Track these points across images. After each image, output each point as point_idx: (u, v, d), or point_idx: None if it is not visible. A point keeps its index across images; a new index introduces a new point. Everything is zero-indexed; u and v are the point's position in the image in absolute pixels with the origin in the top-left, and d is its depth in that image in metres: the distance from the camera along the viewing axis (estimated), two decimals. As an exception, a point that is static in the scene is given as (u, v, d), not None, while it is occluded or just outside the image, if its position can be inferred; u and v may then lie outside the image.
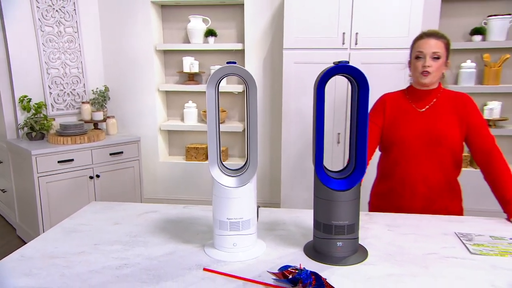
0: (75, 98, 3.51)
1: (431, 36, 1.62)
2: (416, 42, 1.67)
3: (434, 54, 1.59)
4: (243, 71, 1.12)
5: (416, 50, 1.64)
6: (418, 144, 1.64)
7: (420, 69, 1.61)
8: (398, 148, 1.68)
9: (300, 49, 2.99)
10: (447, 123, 1.62)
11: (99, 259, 1.18)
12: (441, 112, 1.65)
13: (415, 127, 1.65)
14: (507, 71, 3.36)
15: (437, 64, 1.60)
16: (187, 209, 1.59)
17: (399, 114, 1.70)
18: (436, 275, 1.07)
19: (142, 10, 3.50)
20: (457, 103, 1.65)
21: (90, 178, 3.16)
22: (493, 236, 1.31)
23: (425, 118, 1.66)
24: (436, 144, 1.62)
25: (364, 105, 1.15)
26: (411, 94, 1.72)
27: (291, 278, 0.99)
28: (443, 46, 1.62)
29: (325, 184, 1.15)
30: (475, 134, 1.62)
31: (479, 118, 1.64)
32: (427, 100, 1.68)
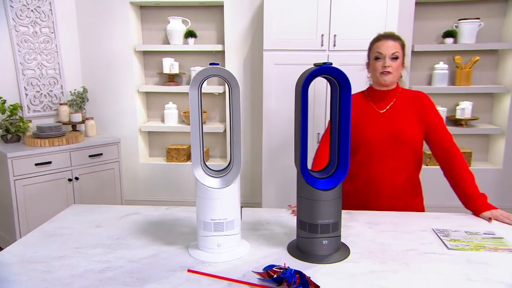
0: (52, 100, 3.43)
1: (388, 37, 1.67)
2: (374, 43, 1.71)
3: (393, 54, 1.64)
4: (226, 72, 1.13)
5: (375, 51, 1.67)
6: (382, 145, 1.67)
7: (380, 69, 1.65)
8: (363, 149, 1.70)
9: (280, 51, 3.02)
10: (408, 122, 1.67)
11: (81, 263, 1.17)
12: (401, 112, 1.69)
13: (377, 128, 1.69)
14: (477, 73, 3.48)
15: (396, 64, 1.65)
16: (169, 210, 1.59)
17: (361, 115, 1.73)
18: (416, 270, 1.11)
19: (121, 10, 3.46)
20: (415, 102, 1.70)
21: (68, 181, 3.10)
22: (468, 231, 1.36)
23: (386, 118, 1.70)
24: (399, 144, 1.66)
25: (347, 105, 1.18)
26: (371, 95, 1.76)
27: (275, 277, 1.00)
28: (400, 47, 1.67)
29: (310, 185, 1.17)
30: (433, 131, 1.67)
31: (437, 116, 1.69)
32: (386, 100, 1.72)
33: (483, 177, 3.42)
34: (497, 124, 3.48)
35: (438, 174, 1.79)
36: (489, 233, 1.34)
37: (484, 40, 3.43)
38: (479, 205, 1.53)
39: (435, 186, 2.96)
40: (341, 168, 1.20)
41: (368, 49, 1.76)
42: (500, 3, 3.37)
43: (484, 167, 3.47)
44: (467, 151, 3.46)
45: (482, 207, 1.52)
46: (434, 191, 2.77)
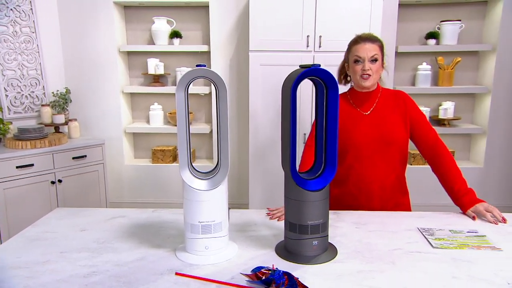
0: (34, 101, 3.36)
1: (366, 40, 1.66)
2: (352, 46, 1.69)
3: (372, 57, 1.63)
4: (213, 74, 1.13)
5: (354, 55, 1.66)
6: (370, 147, 1.67)
7: (360, 72, 1.64)
8: (351, 153, 1.69)
9: (265, 52, 3.02)
10: (393, 122, 1.67)
11: (65, 268, 1.15)
12: (385, 113, 1.69)
13: (364, 131, 1.68)
14: (459, 73, 3.55)
15: (376, 67, 1.64)
16: (156, 213, 1.57)
17: (346, 119, 1.72)
18: (402, 270, 1.12)
19: (104, 10, 3.41)
20: (397, 101, 1.71)
21: (51, 183, 3.04)
22: (452, 230, 1.38)
23: (371, 120, 1.69)
24: (386, 145, 1.66)
25: (334, 106, 1.18)
26: (353, 97, 1.75)
27: (264, 279, 1.00)
28: (379, 48, 1.66)
29: (300, 186, 1.16)
30: (418, 129, 1.68)
31: (419, 113, 1.71)
32: (369, 102, 1.72)
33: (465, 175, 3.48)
34: (479, 124, 3.56)
35: (422, 173, 1.82)
36: (473, 232, 1.37)
37: (465, 41, 3.50)
38: (465, 201, 1.54)
39: (419, 185, 3.01)
40: (329, 168, 1.21)
41: (347, 50, 1.75)
42: (480, 6, 3.45)
43: (466, 166, 3.54)
44: (450, 150, 3.52)
45: (467, 204, 1.53)
46: (418, 190, 2.81)
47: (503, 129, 3.47)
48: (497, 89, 3.38)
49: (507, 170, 3.53)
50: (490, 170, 3.49)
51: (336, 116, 1.18)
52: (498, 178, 3.53)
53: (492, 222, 1.45)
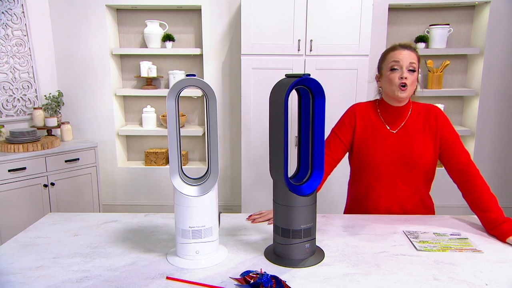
0: (26, 104, 3.36)
1: (405, 47, 1.55)
2: (389, 53, 1.58)
3: (411, 65, 1.51)
4: (203, 83, 1.16)
5: (392, 60, 1.54)
6: (392, 169, 1.59)
7: (397, 81, 1.51)
8: (371, 172, 1.62)
9: (257, 55, 3.05)
10: (421, 144, 1.57)
11: (58, 273, 1.17)
12: (414, 132, 1.59)
13: (387, 151, 1.59)
14: (448, 76, 3.62)
15: (412, 78, 1.52)
16: (148, 217, 1.60)
17: (370, 133, 1.63)
18: (386, 272, 1.16)
19: (97, 13, 3.42)
20: (429, 117, 1.60)
21: (44, 187, 3.04)
22: (436, 232, 1.42)
23: (398, 140, 1.60)
24: (409, 169, 1.58)
25: (321, 114, 1.22)
26: (383, 110, 1.64)
27: (252, 283, 1.03)
28: (417, 59, 1.56)
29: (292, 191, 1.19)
30: (449, 150, 1.57)
31: (452, 132, 1.58)
32: (400, 118, 1.61)
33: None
34: (467, 126, 3.62)
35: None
36: (455, 234, 1.41)
37: (454, 45, 3.56)
38: (505, 229, 1.38)
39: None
40: (316, 173, 1.24)
41: (380, 60, 1.63)
42: (468, 10, 3.51)
43: (455, 167, 3.59)
44: (439, 152, 3.58)
45: (508, 232, 1.37)
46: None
47: (491, 131, 3.53)
48: (485, 92, 3.44)
49: (495, 171, 3.59)
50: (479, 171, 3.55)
51: (322, 123, 1.21)
52: (487, 179, 3.56)
53: None
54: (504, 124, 3.52)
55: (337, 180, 2.48)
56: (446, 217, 1.59)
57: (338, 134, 1.68)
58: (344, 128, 1.68)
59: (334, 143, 1.67)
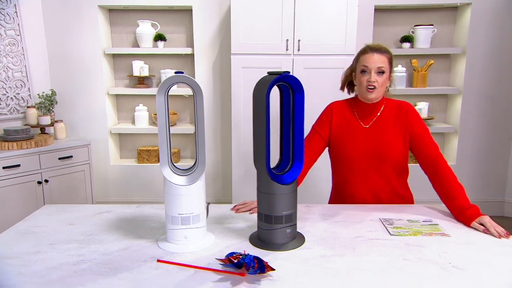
0: (19, 103, 3.42)
1: (375, 50, 1.63)
2: (360, 56, 1.67)
3: (379, 69, 1.61)
4: (190, 80, 1.25)
5: (361, 65, 1.64)
6: (365, 162, 1.69)
7: (365, 83, 1.63)
8: (346, 165, 1.73)
9: (247, 55, 3.14)
10: (391, 138, 1.67)
11: (55, 257, 1.25)
12: (385, 127, 1.69)
13: (360, 145, 1.70)
14: (432, 75, 3.73)
15: (382, 79, 1.62)
16: (140, 208, 1.68)
17: (345, 128, 1.73)
18: (360, 254, 1.26)
19: (89, 13, 3.49)
20: (400, 113, 1.69)
21: (38, 183, 3.11)
22: (409, 219, 1.53)
23: (370, 134, 1.70)
24: (381, 161, 1.68)
25: (300, 108, 1.31)
26: (357, 106, 1.75)
27: (236, 262, 1.12)
28: (387, 60, 1.64)
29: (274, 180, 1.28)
30: (418, 144, 1.66)
31: (422, 127, 1.68)
32: (372, 114, 1.71)
33: (438, 172, 3.67)
34: (451, 123, 3.74)
35: None
36: (427, 221, 1.52)
37: (438, 45, 3.68)
38: (469, 215, 1.47)
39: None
40: (297, 164, 1.33)
41: (354, 61, 1.73)
42: (451, 11, 3.63)
43: (439, 163, 3.71)
44: (423, 148, 3.70)
45: (472, 216, 1.46)
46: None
47: (473, 128, 3.65)
48: (467, 90, 3.57)
49: (478, 167, 3.72)
50: (462, 167, 3.68)
51: (302, 117, 1.30)
52: (470, 175, 3.72)
53: (497, 236, 1.38)
54: (486, 121, 3.65)
55: (327, 172, 2.57)
56: (420, 206, 1.69)
57: (318, 130, 1.79)
58: (323, 124, 1.79)
59: (314, 139, 1.78)
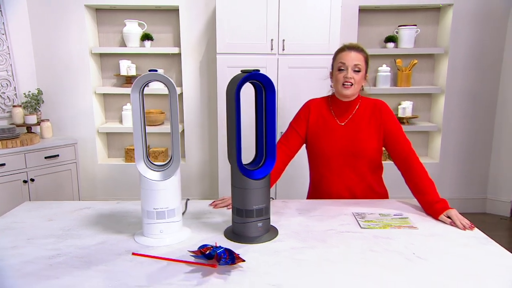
0: (5, 102, 3.42)
1: (352, 49, 1.69)
2: (338, 54, 1.73)
3: (356, 66, 1.67)
4: (164, 78, 1.28)
5: (339, 62, 1.70)
6: (340, 158, 1.74)
7: (342, 80, 1.68)
8: (322, 161, 1.77)
9: (232, 54, 3.18)
10: (366, 135, 1.73)
11: (32, 252, 1.27)
12: (360, 124, 1.74)
13: (336, 143, 1.74)
14: (416, 75, 3.80)
15: (358, 77, 1.68)
16: (120, 204, 1.71)
17: (321, 125, 1.77)
18: (330, 246, 1.30)
19: (76, 13, 3.50)
20: (374, 111, 1.75)
21: (24, 182, 3.11)
22: (381, 213, 1.57)
23: (345, 132, 1.75)
24: (356, 157, 1.73)
25: (272, 106, 1.35)
26: (334, 104, 1.80)
27: (207, 253, 1.16)
28: (363, 59, 1.70)
29: (245, 176, 1.32)
30: (392, 140, 1.72)
31: (394, 125, 1.74)
32: (347, 112, 1.76)
33: (422, 170, 3.73)
34: (435, 122, 3.81)
35: None
36: (398, 215, 1.56)
37: (421, 45, 3.74)
38: (438, 208, 1.53)
39: None
40: (269, 160, 1.37)
41: (332, 59, 1.78)
42: (434, 12, 3.70)
43: (424, 161, 3.72)
44: (407, 147, 3.76)
45: (441, 210, 1.52)
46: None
47: (456, 127, 3.72)
48: (450, 89, 3.63)
49: (460, 165, 3.79)
50: (445, 164, 3.74)
51: (274, 115, 1.34)
52: (452, 172, 3.78)
53: (461, 228, 1.43)
54: (468, 120, 3.72)
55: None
56: (394, 201, 1.74)
57: (295, 127, 1.83)
58: (300, 122, 1.83)
59: (291, 135, 1.82)
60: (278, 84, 3.21)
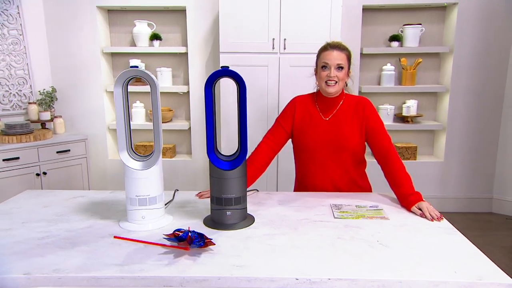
0: (21, 99, 3.60)
1: (334, 47, 1.76)
2: (321, 53, 1.79)
3: (338, 65, 1.73)
4: (145, 74, 1.37)
5: (322, 61, 1.76)
6: (324, 152, 1.80)
7: (325, 78, 1.74)
8: (307, 155, 1.84)
9: (235, 53, 3.26)
10: (349, 130, 1.78)
11: (24, 233, 1.38)
12: (344, 120, 1.80)
13: (320, 136, 1.80)
14: (421, 73, 3.78)
15: (341, 74, 1.74)
16: (113, 194, 1.81)
17: (307, 120, 1.83)
18: (301, 233, 1.36)
19: (89, 14, 3.65)
20: (358, 108, 1.80)
21: (36, 176, 3.28)
22: (358, 205, 1.62)
23: (329, 126, 1.81)
24: (339, 151, 1.79)
25: (243, 101, 1.42)
26: (319, 100, 1.86)
27: (179, 236, 1.24)
28: (346, 57, 1.76)
29: (217, 167, 1.40)
30: (373, 136, 1.78)
31: (377, 121, 1.80)
32: (332, 108, 1.82)
33: (427, 169, 3.72)
34: (440, 121, 3.79)
35: None
36: (374, 206, 1.60)
37: (427, 43, 3.73)
38: (411, 200, 1.58)
39: None
40: (242, 153, 1.44)
41: (316, 57, 1.84)
42: (439, 10, 3.68)
43: (429, 160, 3.77)
44: (412, 145, 3.75)
45: (413, 202, 1.57)
46: None
47: (460, 126, 3.69)
48: (454, 88, 3.61)
49: (465, 164, 3.75)
50: (449, 163, 3.72)
51: (245, 109, 1.41)
52: (458, 172, 3.75)
53: (430, 219, 1.49)
54: (474, 119, 3.68)
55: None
56: (374, 194, 1.78)
57: (281, 122, 1.89)
58: (286, 117, 1.89)
59: (277, 131, 1.88)
60: (279, 82, 3.27)
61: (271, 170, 3.40)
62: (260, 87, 3.30)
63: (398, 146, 3.73)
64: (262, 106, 3.32)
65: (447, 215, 1.66)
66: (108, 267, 1.15)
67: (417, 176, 3.70)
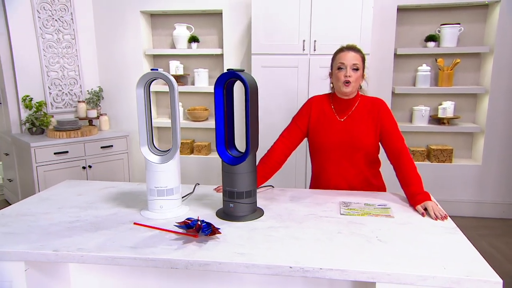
0: (72, 98, 3.93)
1: (350, 49, 1.82)
2: (337, 54, 1.85)
3: (354, 65, 1.78)
4: (163, 75, 1.50)
5: (338, 62, 1.81)
6: (338, 152, 1.85)
7: (342, 78, 1.79)
8: (322, 154, 1.89)
9: (266, 55, 3.35)
10: (364, 130, 1.83)
11: (58, 217, 1.57)
12: (359, 120, 1.85)
13: (335, 136, 1.85)
14: (459, 74, 3.67)
15: (356, 75, 1.79)
16: (140, 185, 1.97)
17: (322, 120, 1.89)
18: (304, 227, 1.42)
19: (133, 19, 3.91)
20: (373, 109, 1.85)
21: (83, 168, 3.57)
22: (367, 203, 1.65)
23: (344, 127, 1.85)
24: (354, 151, 1.83)
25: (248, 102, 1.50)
26: (334, 101, 1.91)
27: (188, 224, 1.35)
28: (361, 59, 1.81)
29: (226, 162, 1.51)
30: (387, 137, 1.82)
31: (391, 121, 1.84)
32: (347, 109, 1.87)
33: (463, 172, 3.60)
34: (479, 123, 3.65)
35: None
36: (382, 205, 1.63)
37: (466, 43, 3.61)
38: (418, 200, 1.61)
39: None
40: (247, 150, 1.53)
41: (332, 59, 1.89)
42: (481, 9, 3.55)
43: (466, 163, 3.64)
44: (448, 148, 3.65)
45: (419, 201, 1.60)
46: None
47: (500, 128, 3.54)
48: (494, 89, 3.46)
49: (504, 168, 3.59)
50: (487, 167, 3.57)
51: (254, 109, 1.50)
52: (496, 176, 3.60)
53: (433, 218, 1.50)
54: (516, 121, 3.51)
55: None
56: (386, 193, 1.81)
57: (297, 122, 1.96)
58: (302, 117, 1.95)
59: (293, 130, 1.95)
60: (309, 83, 3.32)
61: (297, 168, 3.45)
62: (290, 88, 3.37)
63: (432, 148, 3.64)
64: (292, 107, 3.38)
65: (484, 221, 1.64)
66: (124, 249, 1.29)
67: (453, 180, 3.61)
